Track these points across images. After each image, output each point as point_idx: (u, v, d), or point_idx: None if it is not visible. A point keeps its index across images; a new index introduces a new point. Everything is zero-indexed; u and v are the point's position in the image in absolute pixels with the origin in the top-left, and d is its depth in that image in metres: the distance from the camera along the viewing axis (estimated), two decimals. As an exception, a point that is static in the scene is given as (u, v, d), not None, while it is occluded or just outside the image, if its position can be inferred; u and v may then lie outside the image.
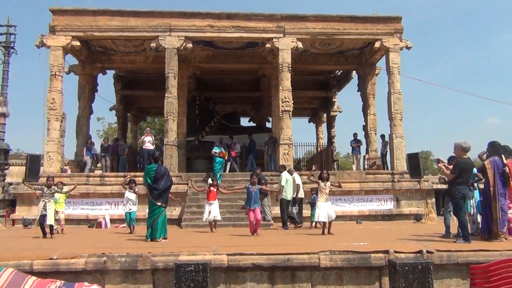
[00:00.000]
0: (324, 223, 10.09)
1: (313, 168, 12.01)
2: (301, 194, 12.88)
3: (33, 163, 14.73)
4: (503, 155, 8.22)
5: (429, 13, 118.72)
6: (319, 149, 23.65)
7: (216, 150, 15.43)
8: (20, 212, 14.45)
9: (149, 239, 8.55)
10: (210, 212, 10.86)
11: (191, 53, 17.45)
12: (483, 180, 8.38)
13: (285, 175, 12.63)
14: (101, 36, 15.82)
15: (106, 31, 15.51)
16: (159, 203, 8.61)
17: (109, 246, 7.69)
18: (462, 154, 8.01)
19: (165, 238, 8.68)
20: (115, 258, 6.50)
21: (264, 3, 78.75)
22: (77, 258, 6.45)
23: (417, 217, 14.61)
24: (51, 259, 6.39)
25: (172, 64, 15.62)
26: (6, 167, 19.66)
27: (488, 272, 5.46)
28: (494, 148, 8.25)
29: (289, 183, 12.53)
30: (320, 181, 10.46)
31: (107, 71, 19.60)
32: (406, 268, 5.95)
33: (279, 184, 12.71)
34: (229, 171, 16.36)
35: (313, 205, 12.08)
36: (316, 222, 11.40)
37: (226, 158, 15.71)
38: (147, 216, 9.14)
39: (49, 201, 10.09)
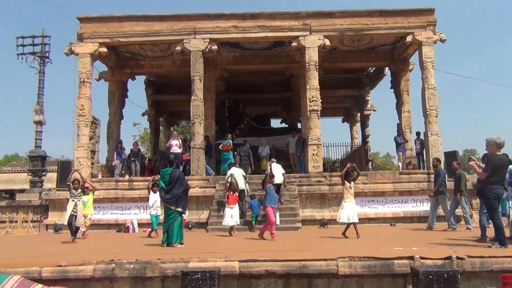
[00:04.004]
0: (348, 224, 9.70)
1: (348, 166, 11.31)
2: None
3: (64, 169, 15.10)
4: (544, 151, 7.48)
5: (465, 5, 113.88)
6: (353, 149, 23.03)
7: (223, 143, 15.85)
8: (52, 217, 14.76)
9: (165, 244, 8.38)
10: (232, 216, 10.64)
11: (217, 55, 17.35)
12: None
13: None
14: (127, 42, 15.96)
15: (132, 36, 15.64)
16: (173, 208, 8.42)
17: (124, 251, 7.56)
18: (496, 150, 7.34)
19: (181, 243, 8.47)
20: (124, 265, 6.33)
21: (289, 1, 78.06)
22: (85, 265, 6.33)
23: (456, 219, 13.75)
24: (59, 266, 6.30)
25: (197, 67, 15.53)
26: (43, 173, 20.22)
27: (522, 282, 4.87)
28: (533, 143, 7.52)
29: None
30: (346, 181, 10.08)
31: (136, 76, 19.77)
32: (430, 276, 5.46)
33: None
34: None
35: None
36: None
37: (229, 149, 15.94)
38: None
39: (78, 200, 10.25)
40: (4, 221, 15.47)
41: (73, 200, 10.31)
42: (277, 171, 13.36)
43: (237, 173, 13.00)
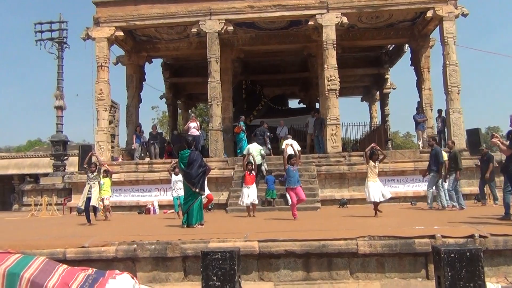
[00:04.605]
0: (377, 203, 9.72)
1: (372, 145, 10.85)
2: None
3: (85, 153, 15.25)
4: None
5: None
6: (373, 128, 22.78)
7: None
8: (75, 200, 15.03)
9: (185, 225, 8.47)
10: (249, 195, 10.71)
11: (233, 36, 17.21)
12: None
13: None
14: (143, 25, 15.94)
15: (148, 19, 15.61)
16: (194, 189, 8.49)
17: (145, 232, 7.67)
18: (520, 126, 7.15)
19: (201, 224, 8.55)
20: (145, 246, 6.43)
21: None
22: (107, 246, 6.45)
23: (478, 197, 13.53)
24: (82, 247, 6.43)
25: (213, 49, 15.44)
26: (65, 157, 20.63)
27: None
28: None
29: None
30: (371, 160, 9.95)
31: (153, 60, 19.83)
32: (452, 255, 5.32)
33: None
34: None
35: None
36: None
37: (239, 131, 16.05)
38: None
39: (94, 183, 10.46)
40: (29, 204, 15.92)
41: (88, 184, 10.54)
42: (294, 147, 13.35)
43: (254, 149, 13.09)
